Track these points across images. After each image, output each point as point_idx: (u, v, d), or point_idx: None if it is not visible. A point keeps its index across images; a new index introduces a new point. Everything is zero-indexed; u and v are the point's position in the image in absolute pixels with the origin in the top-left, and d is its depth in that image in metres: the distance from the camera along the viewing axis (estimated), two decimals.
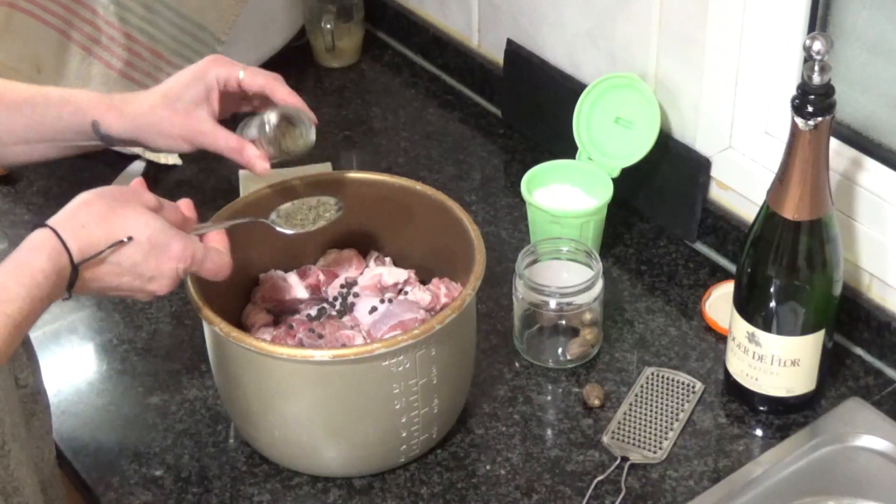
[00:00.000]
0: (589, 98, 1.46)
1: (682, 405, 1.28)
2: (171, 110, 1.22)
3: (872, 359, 1.32)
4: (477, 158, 1.64)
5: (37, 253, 1.00)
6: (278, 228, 1.21)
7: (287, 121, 1.23)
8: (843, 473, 1.21)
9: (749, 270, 1.20)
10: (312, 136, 1.25)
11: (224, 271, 1.13)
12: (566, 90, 1.53)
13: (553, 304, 1.30)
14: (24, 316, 0.98)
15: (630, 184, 1.46)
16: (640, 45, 1.44)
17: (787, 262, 1.18)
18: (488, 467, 1.23)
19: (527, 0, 1.58)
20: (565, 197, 1.44)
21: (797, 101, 1.11)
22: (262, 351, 1.11)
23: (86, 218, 1.04)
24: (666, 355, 1.34)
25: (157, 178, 1.61)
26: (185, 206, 1.16)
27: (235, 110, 1.28)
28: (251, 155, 1.23)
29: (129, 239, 1.05)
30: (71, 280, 1.02)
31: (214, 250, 1.13)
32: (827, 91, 1.10)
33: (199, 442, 1.26)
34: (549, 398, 1.30)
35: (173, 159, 1.62)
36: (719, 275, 1.43)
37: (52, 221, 1.03)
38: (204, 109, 1.23)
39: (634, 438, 1.24)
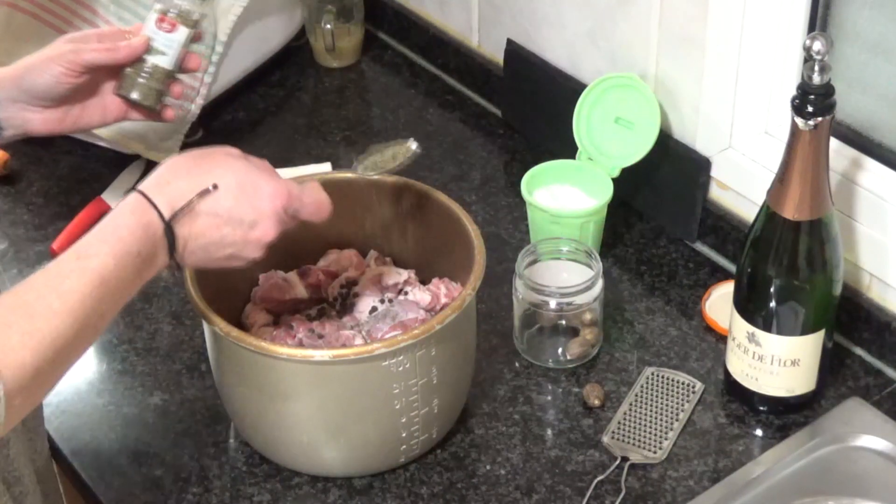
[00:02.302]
0: (589, 98, 1.46)
1: (682, 405, 1.28)
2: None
3: (872, 359, 1.32)
4: (477, 158, 1.64)
5: (120, 212, 1.00)
6: (360, 173, 1.22)
7: None
8: (843, 473, 1.21)
9: (749, 270, 1.20)
10: None
11: (325, 207, 1.10)
12: (566, 90, 1.53)
13: (553, 304, 1.30)
14: (110, 271, 0.95)
15: (630, 184, 1.46)
16: (640, 45, 1.44)
17: (787, 262, 1.18)
18: (488, 467, 1.23)
19: (527, 0, 1.58)
20: (565, 197, 1.44)
21: (797, 101, 1.11)
22: (262, 351, 1.11)
23: (170, 175, 1.03)
24: (666, 355, 1.34)
25: None
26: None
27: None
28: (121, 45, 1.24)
29: (215, 187, 1.02)
30: (169, 241, 1.00)
31: (310, 185, 1.10)
32: (827, 91, 1.10)
33: (199, 442, 1.26)
34: (549, 398, 1.30)
35: None
36: (719, 275, 1.43)
37: (139, 186, 1.02)
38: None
39: (634, 438, 1.24)
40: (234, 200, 1.03)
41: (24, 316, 0.90)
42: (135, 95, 1.26)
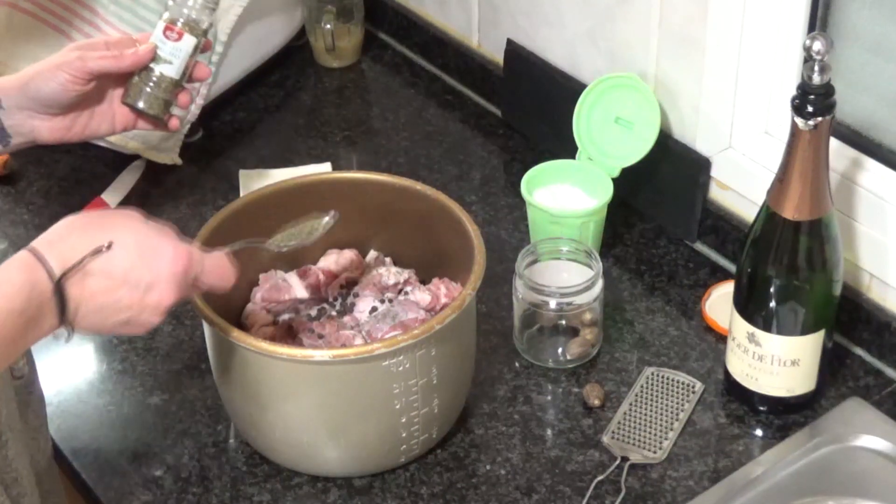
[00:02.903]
0: (589, 98, 1.46)
1: (682, 405, 1.28)
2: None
3: (872, 359, 1.32)
4: (477, 158, 1.64)
5: (8, 267, 0.94)
6: (275, 249, 1.18)
7: None
8: (843, 473, 1.21)
9: (749, 270, 1.20)
10: None
11: (228, 275, 1.07)
12: (566, 90, 1.53)
13: (553, 304, 1.30)
14: None
15: (630, 184, 1.46)
16: (640, 45, 1.44)
17: (787, 262, 1.18)
18: (488, 467, 1.23)
19: (527, 0, 1.58)
20: (565, 197, 1.44)
21: (797, 101, 1.11)
22: (262, 351, 1.11)
23: (65, 232, 0.99)
24: (666, 355, 1.34)
25: (157, 178, 1.61)
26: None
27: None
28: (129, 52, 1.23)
29: (110, 245, 0.97)
30: (59, 302, 0.95)
31: (215, 253, 1.07)
32: (827, 91, 1.10)
33: (199, 442, 1.26)
34: (549, 398, 1.30)
35: (173, 159, 1.62)
36: (719, 275, 1.43)
37: (32, 242, 0.97)
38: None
39: (634, 438, 1.24)
40: (130, 262, 0.98)
41: None
42: (141, 104, 1.25)
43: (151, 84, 1.25)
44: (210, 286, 1.06)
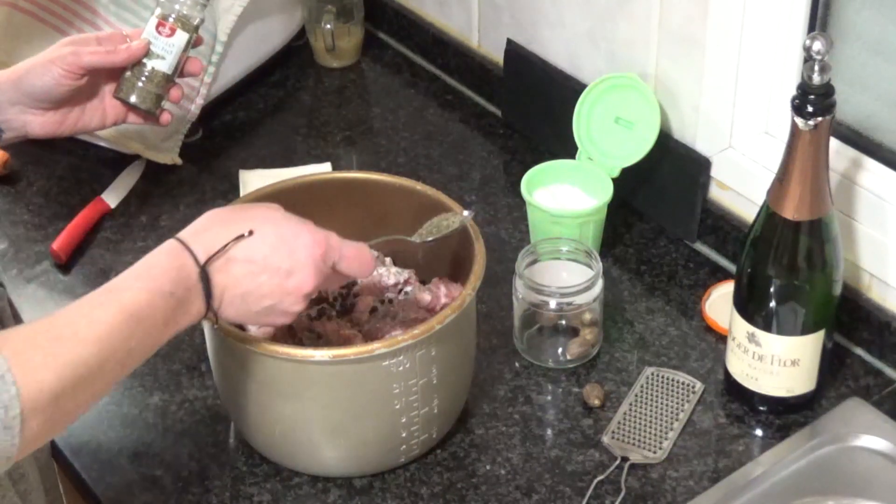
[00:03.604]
0: (589, 98, 1.46)
1: (682, 405, 1.28)
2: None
3: (872, 359, 1.32)
4: (477, 158, 1.64)
5: (155, 253, 0.99)
6: (419, 241, 1.21)
7: None
8: (843, 473, 1.21)
9: (749, 270, 1.20)
10: None
11: (367, 264, 1.08)
12: (566, 90, 1.53)
13: (553, 304, 1.30)
14: (141, 307, 0.94)
15: (630, 184, 1.46)
16: (640, 45, 1.44)
17: (787, 262, 1.18)
18: (488, 467, 1.23)
19: (527, 0, 1.58)
20: (565, 197, 1.44)
21: (797, 101, 1.11)
22: (262, 351, 1.11)
23: (207, 223, 1.02)
24: (666, 355, 1.34)
25: (158, 178, 1.61)
26: None
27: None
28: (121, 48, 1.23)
29: (251, 233, 1.01)
30: (205, 287, 0.99)
31: (351, 242, 1.08)
32: (827, 91, 1.10)
33: (199, 442, 1.26)
34: (549, 398, 1.30)
35: (173, 159, 1.62)
36: (719, 275, 1.43)
37: (178, 234, 1.01)
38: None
39: (634, 438, 1.24)
40: (270, 248, 1.02)
41: (51, 339, 0.89)
42: (133, 99, 1.26)
43: (143, 79, 1.26)
44: (349, 273, 1.08)
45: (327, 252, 1.05)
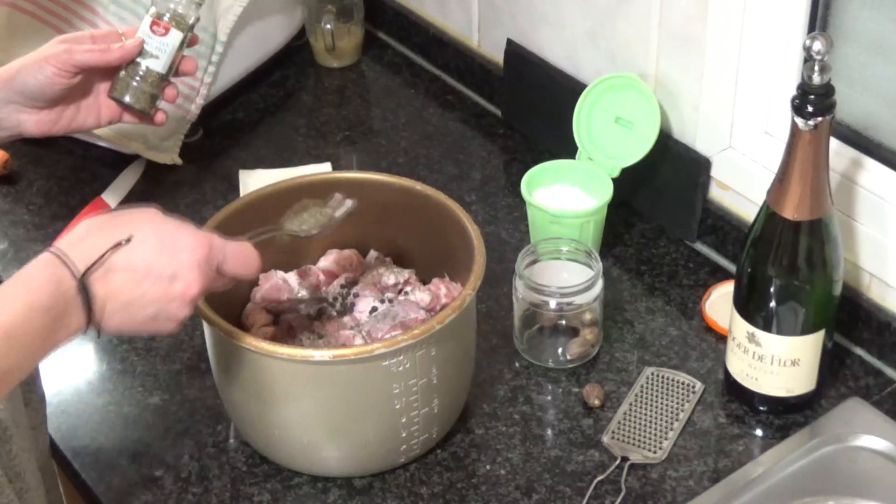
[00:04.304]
0: (589, 98, 1.46)
1: (682, 405, 1.28)
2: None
3: (872, 359, 1.32)
4: (477, 158, 1.64)
5: (32, 266, 0.94)
6: (298, 233, 1.19)
7: None
8: (843, 473, 1.21)
9: (749, 270, 1.20)
10: None
11: (253, 261, 1.06)
12: (566, 90, 1.53)
13: (553, 304, 1.30)
14: (17, 325, 0.90)
15: (630, 184, 1.46)
16: (640, 45, 1.44)
17: (787, 262, 1.18)
18: (488, 467, 1.23)
19: (527, 0, 1.58)
20: (565, 197, 1.44)
21: (797, 101, 1.11)
22: (262, 351, 1.11)
23: (84, 232, 0.98)
24: (666, 355, 1.34)
25: (157, 178, 1.61)
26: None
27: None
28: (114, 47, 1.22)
29: (129, 239, 0.97)
30: (84, 300, 0.95)
31: (235, 242, 1.05)
32: (827, 91, 1.10)
33: (199, 442, 1.26)
34: (549, 398, 1.30)
35: (173, 159, 1.62)
36: (719, 275, 1.43)
37: (53, 245, 0.97)
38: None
39: (634, 438, 1.24)
40: (151, 253, 0.98)
41: None
42: (127, 99, 1.25)
43: (138, 78, 1.25)
44: (235, 273, 1.05)
45: (210, 253, 1.01)
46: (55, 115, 1.24)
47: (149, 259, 0.98)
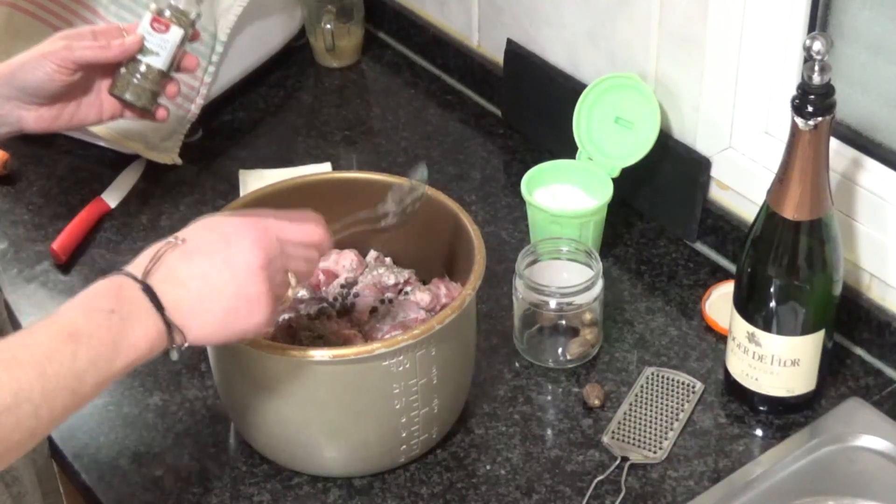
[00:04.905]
0: (589, 98, 1.46)
1: (682, 405, 1.28)
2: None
3: (872, 359, 1.32)
4: (477, 158, 1.64)
5: (96, 283, 0.93)
6: (392, 218, 1.19)
7: None
8: (843, 473, 1.21)
9: (749, 270, 1.20)
10: None
11: (313, 229, 1.03)
12: (566, 90, 1.53)
13: (553, 304, 1.30)
14: (80, 326, 0.89)
15: (630, 184, 1.46)
16: (640, 45, 1.44)
17: (787, 262, 1.18)
18: (488, 467, 1.23)
19: (527, 0, 1.58)
20: (565, 197, 1.44)
21: (797, 101, 1.11)
22: (262, 351, 1.11)
23: (141, 254, 0.97)
24: (666, 355, 1.34)
25: (157, 178, 1.61)
26: None
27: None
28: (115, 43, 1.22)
29: (183, 240, 0.95)
30: (153, 300, 0.92)
31: (286, 213, 1.03)
32: (827, 91, 1.10)
33: (199, 442, 1.26)
34: (549, 398, 1.30)
35: (173, 159, 1.62)
36: (719, 275, 1.43)
37: None
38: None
39: (634, 438, 1.24)
40: (207, 244, 0.96)
41: None
42: (128, 96, 1.25)
43: (139, 76, 1.24)
44: (307, 255, 1.02)
45: (267, 230, 0.98)
46: (56, 111, 1.24)
47: (206, 249, 0.96)
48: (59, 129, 1.26)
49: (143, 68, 1.24)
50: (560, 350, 1.33)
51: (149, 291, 0.92)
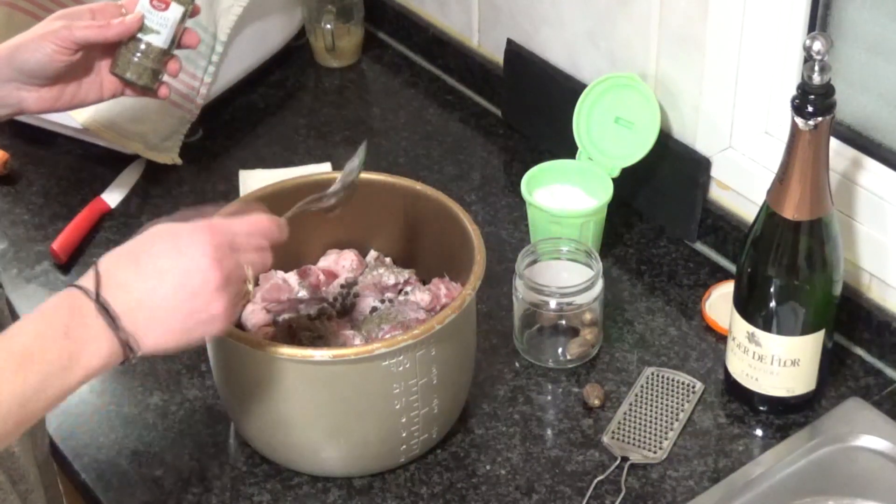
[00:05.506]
0: (589, 98, 1.46)
1: (682, 405, 1.28)
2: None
3: (872, 359, 1.32)
4: (477, 158, 1.64)
5: (51, 298, 0.93)
6: (333, 199, 1.19)
7: None
8: (843, 473, 1.21)
9: (749, 270, 1.20)
10: None
11: (267, 225, 1.02)
12: (566, 90, 1.53)
13: (553, 304, 1.30)
14: (33, 350, 0.88)
15: (630, 184, 1.46)
16: (640, 45, 1.44)
17: (787, 262, 1.18)
18: (488, 467, 1.23)
19: (527, 0, 1.58)
20: (565, 197, 1.44)
21: (797, 101, 1.11)
22: (262, 351, 1.11)
23: (98, 265, 0.95)
24: (666, 355, 1.34)
25: (157, 178, 1.61)
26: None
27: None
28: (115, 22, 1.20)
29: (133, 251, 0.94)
30: (108, 317, 0.91)
31: (241, 216, 1.02)
32: (827, 91, 1.10)
33: (199, 442, 1.26)
34: (549, 398, 1.30)
35: (173, 159, 1.62)
36: (719, 275, 1.43)
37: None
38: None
39: (634, 438, 1.24)
40: (159, 258, 0.94)
41: None
42: (130, 75, 1.23)
43: (139, 54, 1.22)
44: (256, 244, 1.01)
45: (215, 236, 0.96)
46: (56, 91, 1.22)
47: (158, 264, 0.94)
48: (62, 108, 1.25)
49: (143, 47, 1.22)
50: (560, 350, 1.33)
51: (102, 308, 0.91)
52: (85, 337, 0.90)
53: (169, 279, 0.94)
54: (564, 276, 1.33)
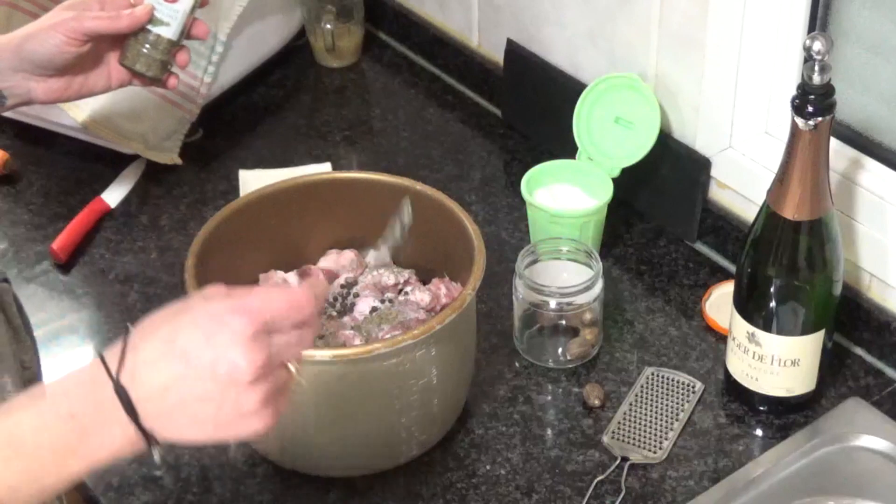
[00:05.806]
0: (589, 98, 1.46)
1: (682, 405, 1.28)
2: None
3: (872, 359, 1.32)
4: (477, 158, 1.64)
5: (75, 369, 0.84)
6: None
7: None
8: (843, 473, 1.21)
9: (749, 270, 1.20)
10: None
11: (300, 301, 0.85)
12: (566, 90, 1.53)
13: (553, 304, 1.30)
14: (25, 431, 0.79)
15: (630, 184, 1.46)
16: (640, 45, 1.44)
17: (787, 262, 1.18)
18: (488, 467, 1.23)
19: (527, 0, 1.58)
20: (565, 197, 1.44)
21: (797, 101, 1.11)
22: None
23: (133, 337, 0.84)
24: (666, 355, 1.34)
25: (157, 178, 1.61)
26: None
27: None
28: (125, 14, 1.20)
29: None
30: (126, 404, 0.80)
31: (276, 291, 0.88)
32: (827, 91, 1.10)
33: None
34: (549, 398, 1.30)
35: (173, 159, 1.62)
36: (719, 275, 1.43)
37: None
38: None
39: (634, 438, 1.24)
40: (189, 343, 0.81)
41: None
42: (139, 67, 1.22)
43: (148, 46, 1.22)
44: (290, 323, 0.84)
45: (249, 323, 0.81)
46: (65, 82, 1.22)
47: (187, 350, 0.81)
48: (70, 98, 1.24)
49: (152, 38, 1.22)
50: (560, 350, 1.33)
51: (122, 393, 0.80)
52: (94, 422, 0.80)
53: (193, 371, 0.81)
54: (564, 276, 1.33)
